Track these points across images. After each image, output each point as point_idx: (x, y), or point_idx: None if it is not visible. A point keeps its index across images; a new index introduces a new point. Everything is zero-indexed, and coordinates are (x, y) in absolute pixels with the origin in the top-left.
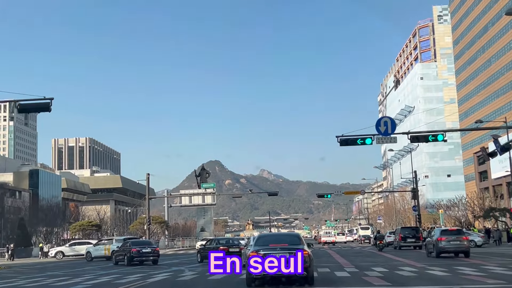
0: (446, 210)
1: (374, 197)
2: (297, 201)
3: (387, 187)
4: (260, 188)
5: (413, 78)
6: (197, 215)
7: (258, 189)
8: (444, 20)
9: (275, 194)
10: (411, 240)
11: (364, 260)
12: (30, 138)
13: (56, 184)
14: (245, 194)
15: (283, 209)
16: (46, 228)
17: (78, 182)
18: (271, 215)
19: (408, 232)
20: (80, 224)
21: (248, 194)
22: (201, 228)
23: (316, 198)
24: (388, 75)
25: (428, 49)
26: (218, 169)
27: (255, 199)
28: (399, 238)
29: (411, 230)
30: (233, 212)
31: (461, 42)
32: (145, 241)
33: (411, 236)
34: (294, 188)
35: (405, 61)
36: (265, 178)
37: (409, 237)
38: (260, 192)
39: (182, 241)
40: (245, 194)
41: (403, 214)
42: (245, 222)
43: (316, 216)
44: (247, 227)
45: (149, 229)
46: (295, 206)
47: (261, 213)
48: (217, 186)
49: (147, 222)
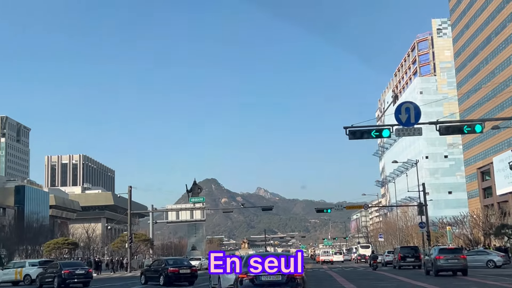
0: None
1: (372, 214)
2: (294, 220)
3: (386, 204)
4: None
5: (412, 93)
6: (188, 233)
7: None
8: (443, 34)
9: (270, 209)
10: (410, 259)
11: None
12: (22, 155)
13: (43, 201)
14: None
15: (280, 228)
16: (31, 246)
17: (68, 199)
18: (268, 234)
19: (407, 251)
20: (55, 242)
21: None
22: (192, 247)
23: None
24: (386, 90)
25: (428, 63)
26: (215, 187)
27: (252, 218)
28: (398, 257)
29: (410, 249)
30: (229, 230)
31: (463, 53)
32: (76, 262)
33: (410, 255)
34: (290, 206)
35: (404, 75)
36: (262, 196)
37: (409, 257)
38: (252, 206)
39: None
40: (242, 213)
41: (406, 232)
42: (241, 240)
43: (313, 235)
44: (243, 245)
45: (131, 247)
46: (292, 224)
47: (257, 231)
48: (213, 204)
49: (129, 240)
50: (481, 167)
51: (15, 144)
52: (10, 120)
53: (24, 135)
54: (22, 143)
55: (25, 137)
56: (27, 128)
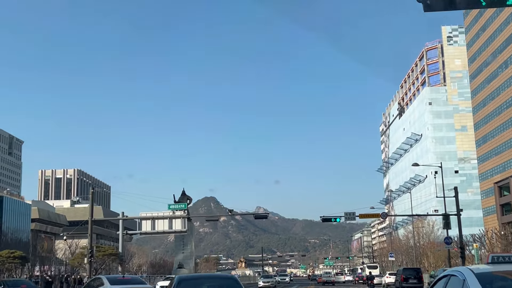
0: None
1: (375, 234)
2: (293, 239)
3: (390, 223)
4: (255, 226)
5: (421, 104)
6: (175, 249)
7: (254, 226)
8: (454, 42)
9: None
10: (413, 281)
11: None
12: (14, 168)
13: (24, 214)
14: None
15: (279, 247)
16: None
17: (53, 213)
18: (267, 253)
19: (410, 273)
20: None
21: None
22: (179, 265)
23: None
24: (391, 103)
25: (437, 72)
26: (214, 206)
27: (250, 237)
28: (401, 279)
29: (412, 271)
30: (228, 249)
31: (478, 58)
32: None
33: (413, 277)
34: (290, 226)
35: (411, 86)
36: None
37: (411, 278)
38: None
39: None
40: (241, 232)
41: (420, 250)
42: (238, 259)
43: (313, 255)
44: (239, 265)
45: (91, 262)
46: (291, 244)
47: (256, 251)
48: (212, 223)
49: (88, 254)
50: (499, 181)
51: (7, 157)
52: (2, 132)
53: (17, 147)
54: (14, 156)
55: (18, 150)
56: (20, 141)
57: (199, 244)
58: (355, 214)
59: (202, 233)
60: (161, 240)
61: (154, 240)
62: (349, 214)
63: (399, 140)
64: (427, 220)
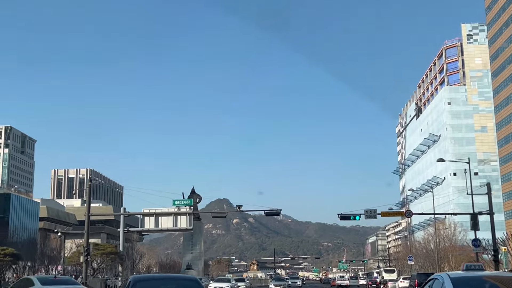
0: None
1: (390, 238)
2: (306, 242)
3: (406, 226)
4: (268, 228)
5: (439, 103)
6: (183, 249)
7: (267, 229)
8: (474, 40)
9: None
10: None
11: None
12: (27, 167)
13: (32, 212)
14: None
15: (292, 250)
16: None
17: (63, 212)
18: (279, 256)
19: (424, 278)
20: None
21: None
22: (187, 266)
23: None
24: (408, 103)
25: (456, 71)
26: (226, 208)
27: (263, 239)
28: (415, 284)
29: (427, 276)
30: (240, 252)
31: (502, 55)
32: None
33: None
34: (303, 229)
35: (429, 86)
36: (274, 218)
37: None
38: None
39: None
40: (253, 234)
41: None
42: (250, 262)
43: (325, 258)
44: (251, 267)
45: (87, 262)
46: (304, 247)
47: (268, 253)
48: (224, 225)
49: (84, 252)
50: None
51: (19, 156)
52: (15, 130)
53: (29, 146)
54: (27, 154)
55: (30, 149)
56: (33, 140)
57: (212, 246)
58: (376, 212)
59: (215, 234)
60: (174, 241)
61: (167, 241)
62: (370, 212)
63: (416, 142)
64: (449, 222)
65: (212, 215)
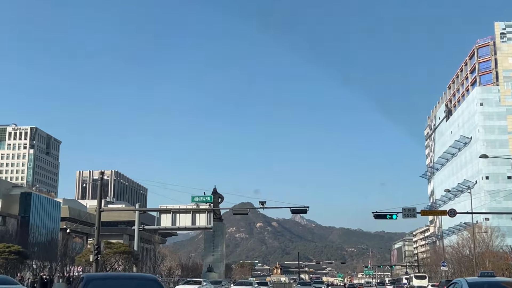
0: None
1: (417, 243)
2: (330, 248)
3: (434, 231)
4: (292, 233)
5: (471, 104)
6: (204, 251)
7: (290, 233)
8: (508, 39)
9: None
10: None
11: None
12: (51, 168)
13: (53, 212)
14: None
15: (315, 255)
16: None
17: (85, 212)
18: (302, 260)
19: None
20: None
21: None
22: (208, 268)
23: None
24: (438, 105)
25: (489, 71)
26: (250, 212)
27: (287, 244)
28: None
29: None
30: (264, 256)
31: None
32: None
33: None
34: (326, 234)
35: (460, 87)
36: (297, 223)
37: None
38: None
39: None
40: (277, 239)
41: (478, 259)
42: (274, 266)
43: (349, 264)
44: (275, 271)
45: (97, 261)
46: (328, 252)
47: (292, 258)
48: (248, 229)
49: (95, 250)
50: None
51: (44, 157)
52: (40, 131)
53: (54, 147)
54: (52, 156)
55: (55, 150)
56: (58, 141)
57: (235, 250)
58: (415, 211)
59: (238, 238)
60: (197, 244)
61: (190, 244)
62: (408, 211)
63: (446, 144)
64: (485, 226)
65: (233, 211)
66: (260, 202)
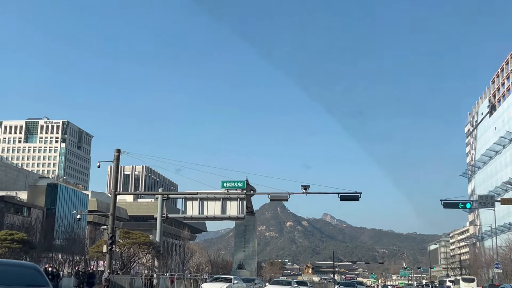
0: None
1: (454, 245)
2: (361, 248)
3: (474, 232)
4: (322, 233)
5: None
6: (235, 246)
7: (321, 233)
8: None
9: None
10: None
11: None
12: (83, 162)
13: (80, 204)
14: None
15: (346, 255)
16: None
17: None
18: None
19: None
20: None
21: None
22: (239, 265)
23: (381, 246)
24: (480, 100)
25: None
26: (280, 210)
27: (317, 243)
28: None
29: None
30: (294, 255)
31: None
32: None
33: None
34: (357, 234)
35: (505, 81)
36: (328, 222)
37: None
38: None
39: (171, 280)
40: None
41: None
42: (304, 265)
43: (381, 265)
44: (306, 270)
45: (111, 252)
46: (358, 253)
47: (322, 258)
48: (278, 227)
49: (109, 241)
50: None
51: (76, 151)
52: (72, 125)
53: (86, 142)
54: (84, 150)
55: (87, 144)
56: (90, 135)
57: (265, 248)
58: (493, 199)
59: (268, 237)
60: (228, 242)
61: (221, 241)
62: (486, 199)
63: (489, 141)
64: None
65: (271, 197)
66: (302, 186)
